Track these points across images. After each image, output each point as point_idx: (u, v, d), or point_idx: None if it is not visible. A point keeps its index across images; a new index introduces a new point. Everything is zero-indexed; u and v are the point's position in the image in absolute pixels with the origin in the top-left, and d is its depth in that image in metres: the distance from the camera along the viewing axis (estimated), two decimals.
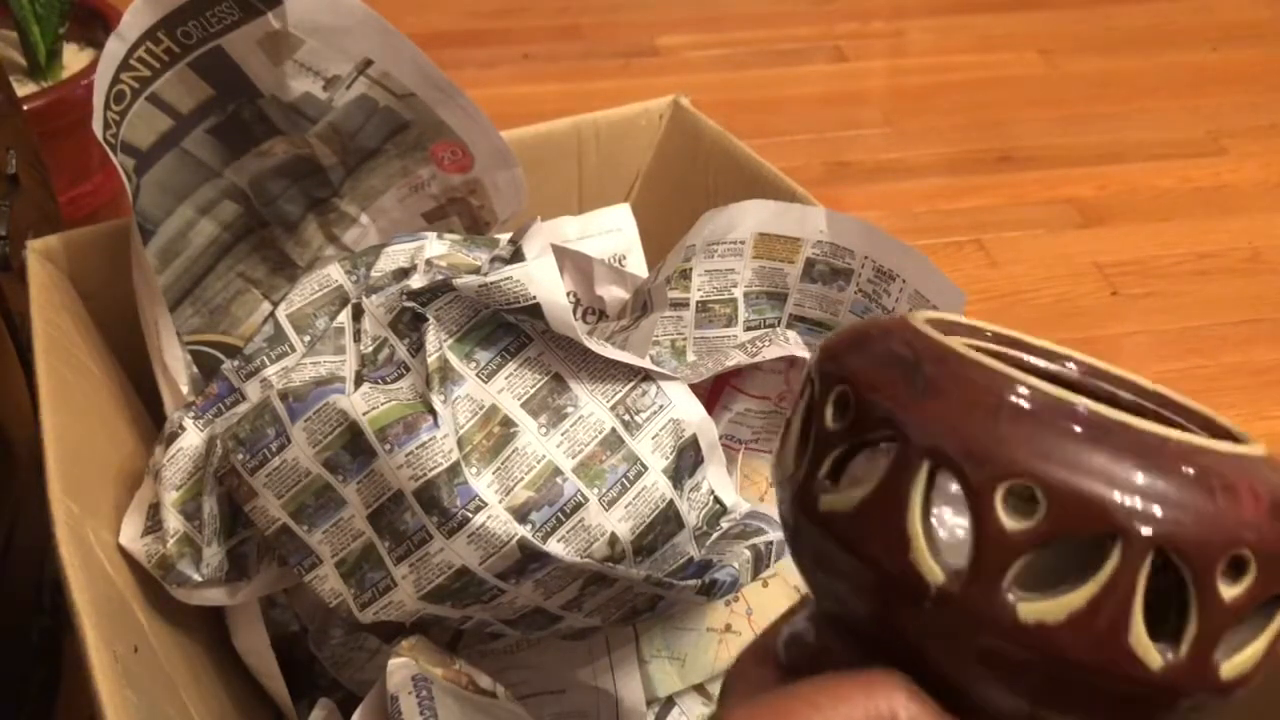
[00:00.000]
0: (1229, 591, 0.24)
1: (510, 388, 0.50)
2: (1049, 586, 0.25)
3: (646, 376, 0.51)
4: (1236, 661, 0.25)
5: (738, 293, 0.62)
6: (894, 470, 0.26)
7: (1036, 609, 0.25)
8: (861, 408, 0.27)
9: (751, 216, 0.61)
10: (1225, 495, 0.24)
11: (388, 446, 0.47)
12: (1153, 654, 0.25)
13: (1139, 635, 0.24)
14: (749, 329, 0.62)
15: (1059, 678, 0.25)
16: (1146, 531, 0.24)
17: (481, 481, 0.47)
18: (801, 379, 0.30)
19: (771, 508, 0.58)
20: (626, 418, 0.50)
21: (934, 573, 0.25)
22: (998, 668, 0.26)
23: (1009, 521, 0.25)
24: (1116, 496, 0.24)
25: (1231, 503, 0.24)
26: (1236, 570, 0.25)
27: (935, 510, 0.26)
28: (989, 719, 0.27)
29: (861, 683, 0.26)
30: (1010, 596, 0.25)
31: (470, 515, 0.46)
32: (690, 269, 0.62)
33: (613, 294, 0.57)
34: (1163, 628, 0.25)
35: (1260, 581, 0.25)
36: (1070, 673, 0.25)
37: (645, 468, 0.49)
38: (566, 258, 0.56)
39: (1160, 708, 0.25)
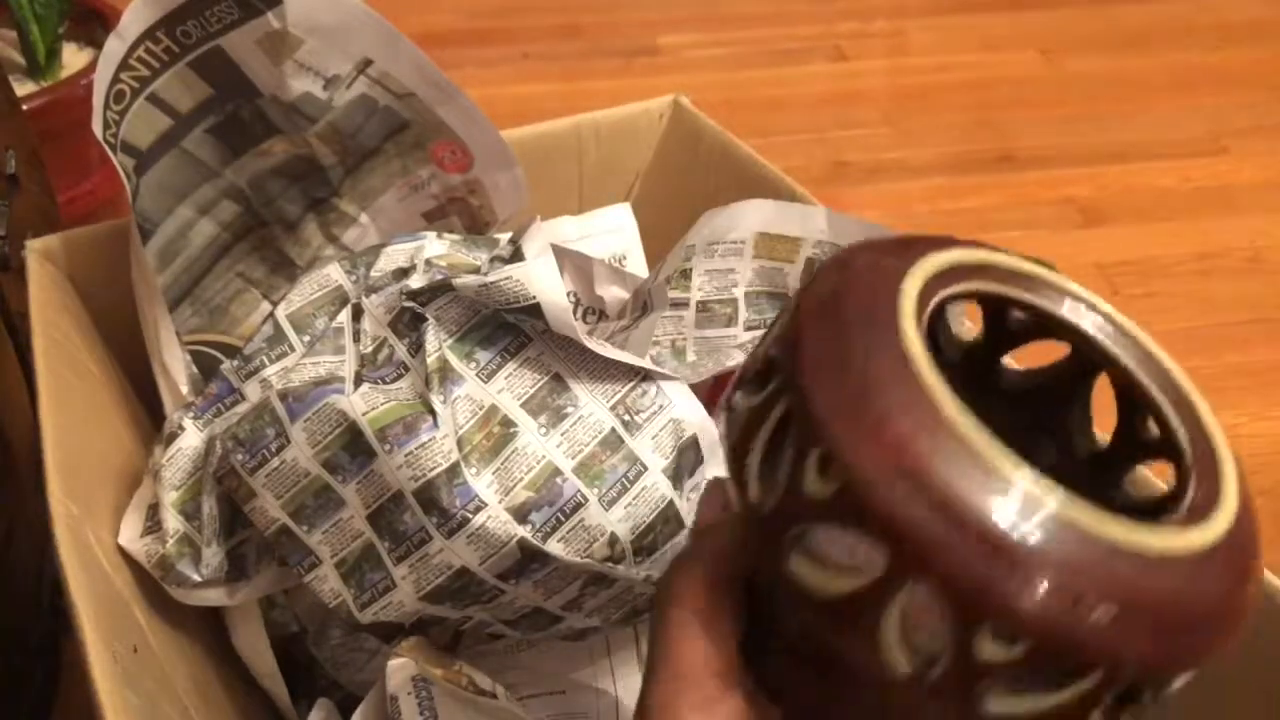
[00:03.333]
0: (992, 650, 0.23)
1: (510, 388, 0.50)
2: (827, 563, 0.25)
3: (646, 376, 0.50)
4: (1010, 704, 0.24)
5: (738, 292, 0.62)
6: (765, 398, 0.27)
7: (808, 571, 0.25)
8: (776, 334, 0.28)
9: (751, 216, 0.61)
10: (1014, 558, 0.23)
11: (387, 447, 0.47)
12: (902, 663, 0.24)
13: (889, 644, 0.24)
14: (749, 329, 0.62)
15: (814, 637, 0.26)
16: (913, 562, 0.23)
17: (481, 482, 0.47)
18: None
19: None
20: (626, 418, 0.50)
21: (752, 485, 0.27)
22: (793, 612, 0.27)
23: (811, 481, 0.25)
24: (898, 519, 0.23)
25: (1014, 572, 0.23)
26: (1005, 635, 0.23)
27: (783, 457, 0.26)
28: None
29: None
30: (789, 544, 0.25)
31: (470, 515, 0.46)
32: (690, 269, 0.62)
33: (613, 294, 0.57)
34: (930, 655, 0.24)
35: (1029, 657, 0.23)
36: (823, 643, 0.26)
37: (645, 468, 0.49)
38: (566, 258, 0.56)
39: (932, 714, 0.25)
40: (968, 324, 0.37)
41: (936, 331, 0.33)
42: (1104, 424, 0.33)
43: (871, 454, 0.24)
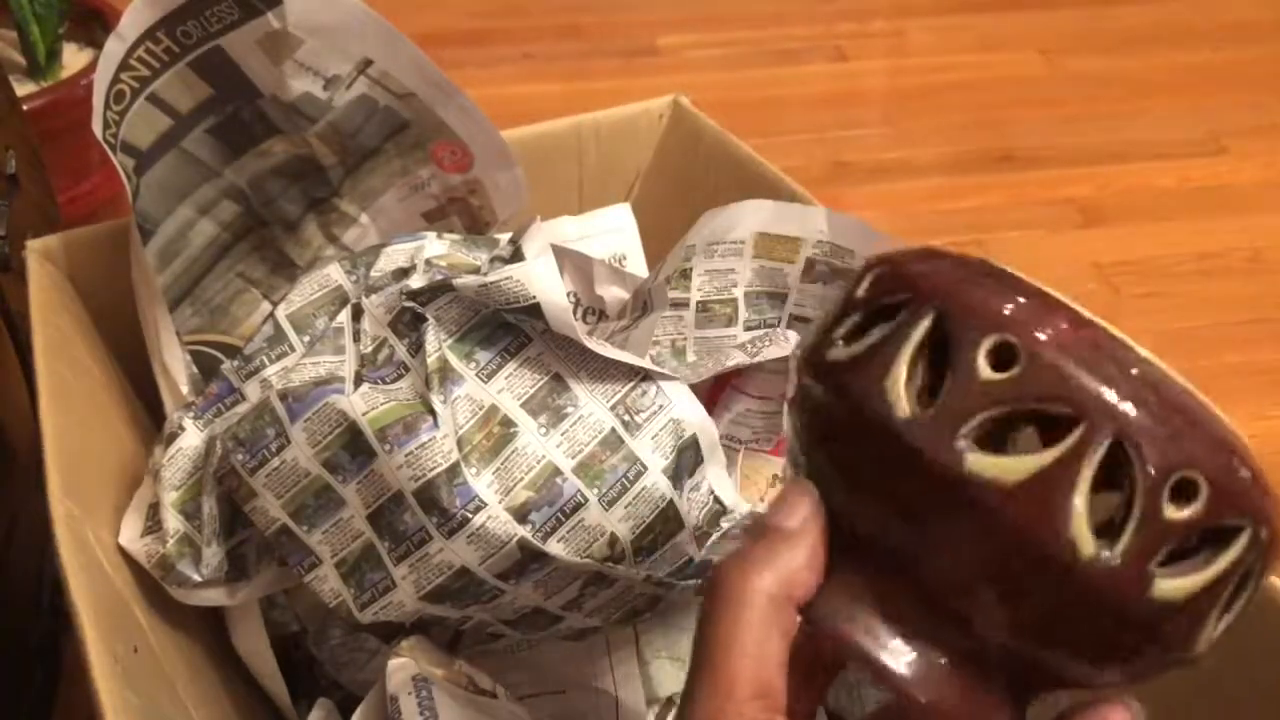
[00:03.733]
0: (1173, 509, 0.26)
1: (510, 388, 0.50)
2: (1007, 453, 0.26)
3: (646, 376, 0.50)
4: (1172, 584, 0.26)
5: (738, 293, 0.62)
6: (899, 323, 0.28)
7: (987, 463, 0.26)
8: (890, 274, 0.29)
9: (751, 216, 0.61)
10: (1185, 419, 0.26)
11: (387, 447, 0.47)
12: (1087, 542, 0.25)
13: (1079, 518, 0.25)
14: (749, 329, 0.62)
15: (985, 537, 0.26)
16: (1108, 420, 0.25)
17: (481, 482, 0.47)
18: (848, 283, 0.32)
19: None
20: (626, 418, 0.50)
21: (901, 403, 0.27)
22: (943, 520, 0.27)
23: (986, 372, 0.26)
24: (1090, 382, 0.26)
25: (1189, 428, 0.26)
26: (1184, 492, 0.26)
27: (942, 362, 0.27)
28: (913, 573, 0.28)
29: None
30: (962, 444, 0.26)
31: (470, 515, 0.46)
32: (690, 269, 0.62)
33: (613, 294, 0.57)
34: (1107, 532, 0.26)
35: (1206, 511, 0.26)
36: (998, 537, 0.26)
37: (645, 468, 0.49)
38: (566, 258, 0.56)
39: (1090, 609, 0.26)
40: None
41: None
42: None
43: (1052, 331, 0.26)
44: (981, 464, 0.26)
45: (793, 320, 0.62)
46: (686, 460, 0.50)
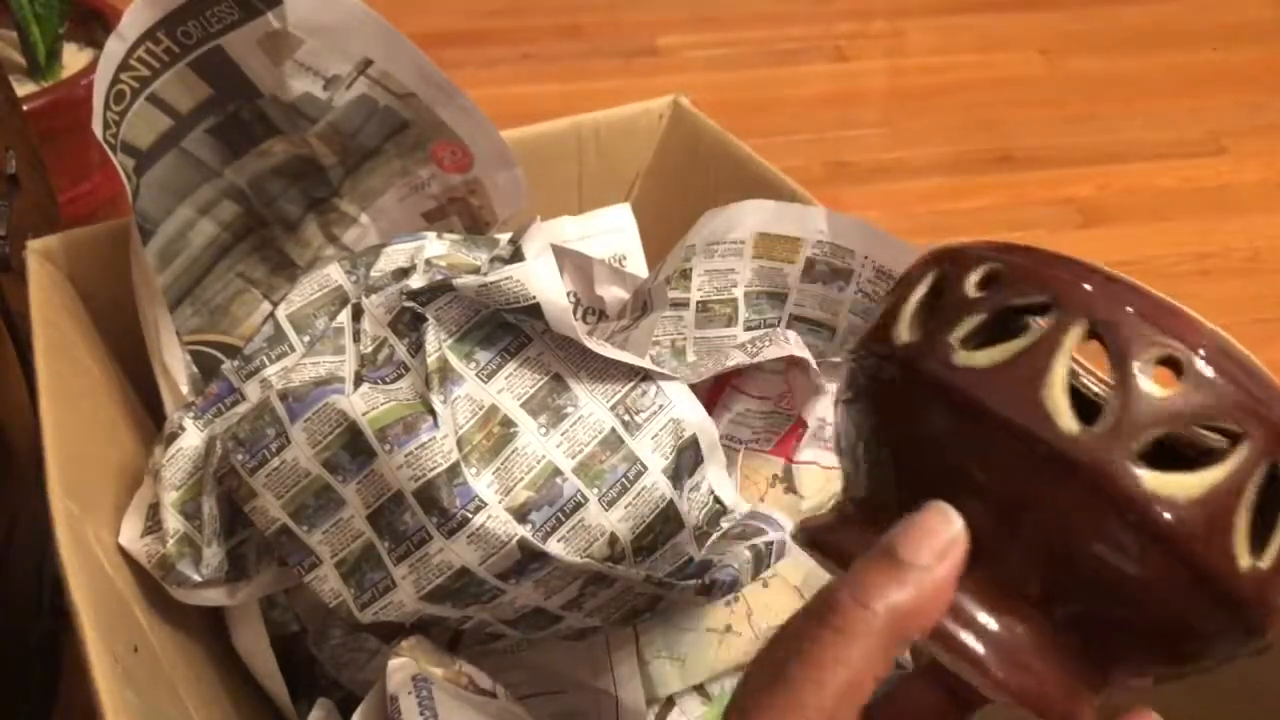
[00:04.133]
0: None
1: (510, 388, 0.50)
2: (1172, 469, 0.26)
3: (646, 376, 0.50)
4: None
5: (738, 293, 0.62)
6: (1049, 331, 0.27)
7: (1162, 480, 0.25)
8: (1017, 275, 0.28)
9: (751, 216, 0.61)
10: None
11: (387, 447, 0.47)
12: (1245, 554, 0.26)
13: (1241, 531, 0.26)
14: (749, 329, 0.62)
15: (1142, 549, 0.26)
16: (1270, 439, 0.26)
17: (481, 482, 0.47)
18: (924, 270, 0.30)
19: (771, 508, 0.58)
20: (626, 418, 0.50)
21: (1065, 418, 0.26)
22: (1096, 533, 0.26)
23: (1153, 387, 0.26)
24: (1249, 399, 0.26)
25: None
26: None
27: (1113, 374, 0.27)
28: (1061, 600, 0.27)
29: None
30: (1134, 461, 0.25)
31: (470, 515, 0.46)
32: (690, 269, 0.62)
33: (613, 294, 0.57)
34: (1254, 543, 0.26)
35: None
36: (1160, 550, 0.25)
37: (645, 468, 0.49)
38: (566, 258, 0.56)
39: (1228, 616, 0.26)
40: None
41: None
42: None
43: (1206, 345, 0.26)
44: (1156, 481, 0.25)
45: (793, 320, 0.62)
46: (686, 460, 0.50)
